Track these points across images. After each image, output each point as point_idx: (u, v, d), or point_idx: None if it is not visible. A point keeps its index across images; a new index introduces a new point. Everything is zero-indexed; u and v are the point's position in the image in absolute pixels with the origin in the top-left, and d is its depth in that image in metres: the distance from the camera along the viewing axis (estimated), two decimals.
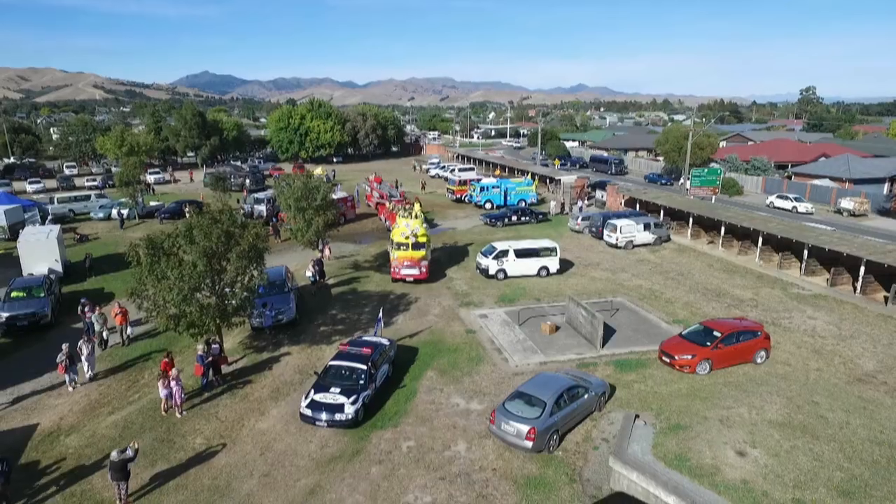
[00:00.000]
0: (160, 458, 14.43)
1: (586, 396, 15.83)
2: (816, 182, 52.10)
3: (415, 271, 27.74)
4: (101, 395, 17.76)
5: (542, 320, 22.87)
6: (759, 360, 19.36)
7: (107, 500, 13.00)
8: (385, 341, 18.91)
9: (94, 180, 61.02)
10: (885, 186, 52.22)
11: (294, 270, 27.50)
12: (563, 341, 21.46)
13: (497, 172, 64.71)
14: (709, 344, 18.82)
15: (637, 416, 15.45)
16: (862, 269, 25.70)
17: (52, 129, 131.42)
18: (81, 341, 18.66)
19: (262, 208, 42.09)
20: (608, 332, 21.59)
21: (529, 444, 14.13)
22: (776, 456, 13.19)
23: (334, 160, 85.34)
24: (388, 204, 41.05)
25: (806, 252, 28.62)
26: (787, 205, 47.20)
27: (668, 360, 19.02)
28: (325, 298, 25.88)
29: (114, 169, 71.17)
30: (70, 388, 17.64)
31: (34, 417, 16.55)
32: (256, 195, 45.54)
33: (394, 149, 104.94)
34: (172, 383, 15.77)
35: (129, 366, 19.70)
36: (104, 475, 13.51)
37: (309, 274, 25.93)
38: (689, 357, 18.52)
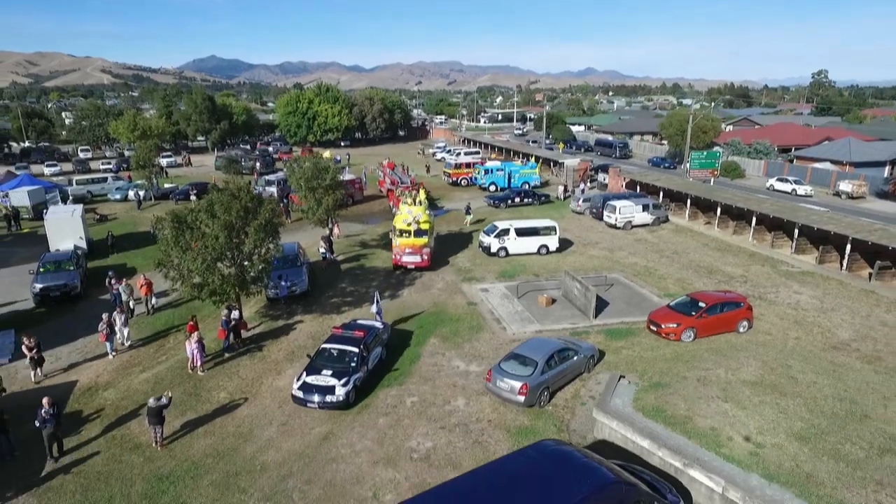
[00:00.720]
0: (189, 409, 16.06)
1: (575, 358, 17.24)
2: (817, 165, 52.77)
3: (416, 259, 27.36)
4: (131, 357, 19.39)
5: (540, 294, 24.25)
6: (741, 330, 20.67)
7: (144, 443, 14.63)
8: (379, 325, 18.92)
9: (109, 163, 62.66)
10: (886, 169, 52.76)
11: (306, 247, 28.97)
12: (559, 313, 22.84)
13: (493, 156, 65.12)
14: (694, 314, 20.14)
15: (622, 377, 16.84)
16: (848, 246, 26.80)
17: (63, 114, 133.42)
18: (115, 312, 20.19)
19: (273, 190, 43.49)
20: (601, 305, 22.95)
21: (522, 398, 15.59)
22: (744, 409, 14.55)
23: (342, 144, 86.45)
24: (395, 190, 42.15)
25: (796, 231, 29.70)
26: (787, 187, 48.06)
27: (655, 329, 20.37)
28: (334, 273, 27.40)
29: (126, 153, 72.99)
30: (111, 356, 19.16)
31: (73, 376, 18.21)
32: (267, 177, 46.96)
33: (400, 133, 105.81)
34: (194, 344, 17.33)
35: (155, 333, 21.33)
36: (140, 422, 15.16)
37: (322, 250, 27.40)
38: (675, 325, 19.86)
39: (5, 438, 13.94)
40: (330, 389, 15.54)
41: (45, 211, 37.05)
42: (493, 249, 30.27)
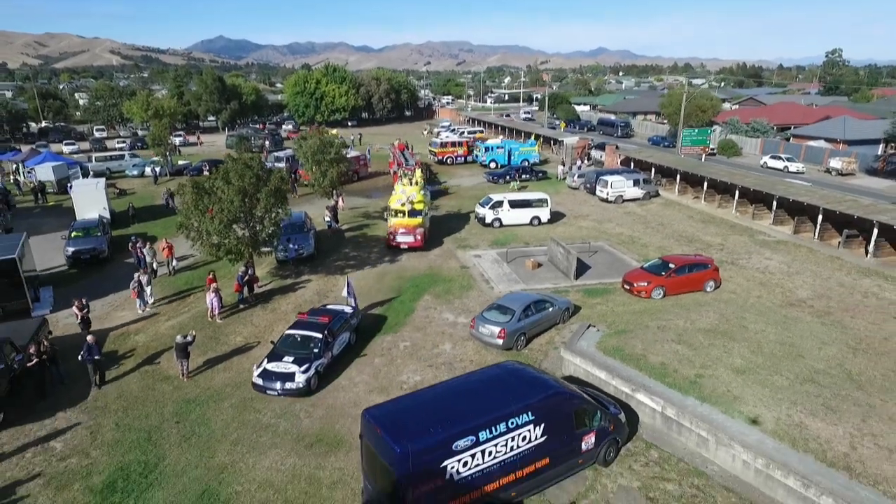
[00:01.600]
0: (209, 349, 18.40)
1: (551, 310, 19.32)
2: (812, 143, 53.85)
3: (410, 239, 27.39)
4: (157, 309, 21.75)
5: (527, 258, 26.29)
6: (708, 289, 22.58)
7: (172, 375, 16.99)
8: (348, 310, 18.81)
9: (124, 142, 65.02)
10: (880, 147, 53.74)
11: (312, 217, 31.10)
12: (544, 275, 24.88)
13: (479, 136, 65.34)
14: (663, 274, 22.10)
15: (591, 325, 18.91)
16: (819, 216, 28.49)
17: (75, 95, 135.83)
18: (139, 273, 22.45)
19: (282, 166, 45.54)
20: (583, 268, 24.95)
21: (500, 341, 17.73)
22: (694, 349, 16.59)
23: (349, 124, 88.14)
24: (398, 171, 43.78)
25: (774, 203, 31.37)
26: (780, 165, 49.27)
27: (628, 288, 22.37)
28: (339, 240, 29.59)
29: (140, 132, 75.28)
30: (140, 311, 21.45)
31: (106, 324, 20.59)
32: (276, 154, 49.04)
33: (407, 113, 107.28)
34: (212, 294, 19.62)
35: (176, 292, 23.65)
36: (168, 359, 17.53)
37: (327, 219, 29.54)
38: (646, 284, 21.84)
39: (56, 369, 16.34)
40: (290, 376, 15.33)
41: (68, 185, 39.57)
42: (488, 220, 32.24)
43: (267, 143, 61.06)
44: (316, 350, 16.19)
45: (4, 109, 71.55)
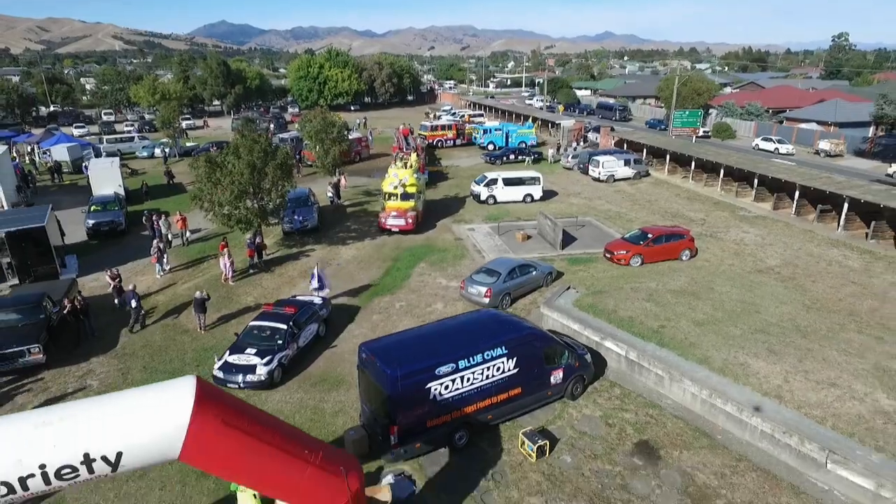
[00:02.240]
0: (223, 307, 20.28)
1: (534, 273, 21.07)
2: (803, 126, 55.04)
3: (401, 222, 27.62)
4: (174, 275, 23.62)
5: (518, 231, 27.99)
6: (684, 258, 24.24)
7: (191, 329, 18.88)
8: (318, 300, 18.63)
9: (132, 125, 66.68)
10: (871, 129, 54.84)
11: (316, 194, 32.84)
12: (532, 245, 26.58)
13: (466, 119, 66.28)
14: (642, 243, 23.79)
15: (570, 287, 20.66)
16: (797, 192, 30.01)
17: (81, 80, 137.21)
18: (155, 241, 24.26)
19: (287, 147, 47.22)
20: (569, 240, 26.64)
21: (486, 300, 19.50)
22: (661, 306, 18.34)
23: (352, 108, 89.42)
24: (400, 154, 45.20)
25: (756, 181, 32.88)
26: (770, 147, 50.52)
27: (609, 256, 24.06)
28: (340, 214, 31.36)
29: (146, 116, 76.89)
30: (158, 276, 23.31)
31: (128, 286, 22.45)
32: (280, 136, 50.62)
33: (409, 97, 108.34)
34: (226, 258, 21.48)
35: (190, 260, 25.49)
36: (187, 315, 19.41)
37: (330, 194, 31.28)
38: (625, 252, 23.54)
39: (88, 322, 18.25)
40: (251, 369, 15.01)
41: (83, 165, 41.39)
42: (483, 197, 33.88)
43: (271, 125, 62.58)
44: (280, 342, 15.77)
45: (15, 93, 73.08)
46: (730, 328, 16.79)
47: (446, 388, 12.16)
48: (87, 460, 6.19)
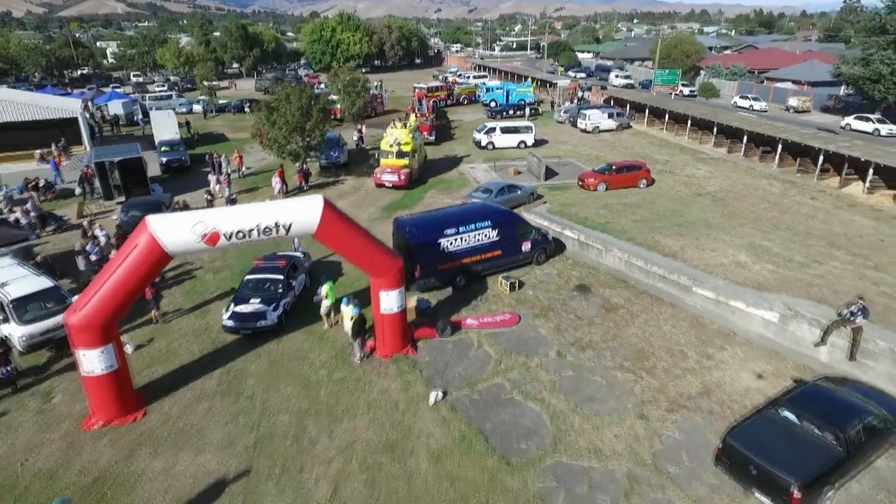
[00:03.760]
0: None
1: (519, 192, 27.38)
2: (779, 85, 60.09)
3: (394, 178, 29.70)
4: (238, 196, 30.17)
5: (510, 167, 34.22)
6: (641, 186, 30.41)
7: None
8: (300, 255, 20.20)
9: (163, 86, 72.53)
10: (842, 88, 59.79)
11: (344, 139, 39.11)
12: (521, 179, 32.77)
13: (453, 80, 69.86)
14: (607, 172, 30.00)
15: (546, 202, 27.04)
16: (745, 137, 35.91)
17: (97, 44, 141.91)
18: (213, 175, 30.62)
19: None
20: (551, 173, 32.82)
21: None
22: (612, 213, 24.70)
23: (362, 71, 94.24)
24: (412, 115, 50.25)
25: (715, 129, 38.73)
26: (746, 104, 55.84)
27: (581, 184, 30.30)
28: (364, 155, 37.70)
29: (171, 78, 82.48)
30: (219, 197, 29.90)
31: (195, 205, 29.05)
32: None
33: (417, 60, 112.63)
34: (278, 178, 27.99)
35: (246, 188, 31.96)
36: None
37: (355, 139, 37.52)
38: (593, 180, 29.77)
39: None
40: (262, 315, 16.11)
41: (136, 118, 47.63)
42: (483, 143, 39.96)
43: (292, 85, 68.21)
44: (280, 290, 16.98)
45: (54, 57, 78.71)
46: (656, 224, 23.23)
47: (451, 244, 18.70)
48: (279, 225, 12.76)
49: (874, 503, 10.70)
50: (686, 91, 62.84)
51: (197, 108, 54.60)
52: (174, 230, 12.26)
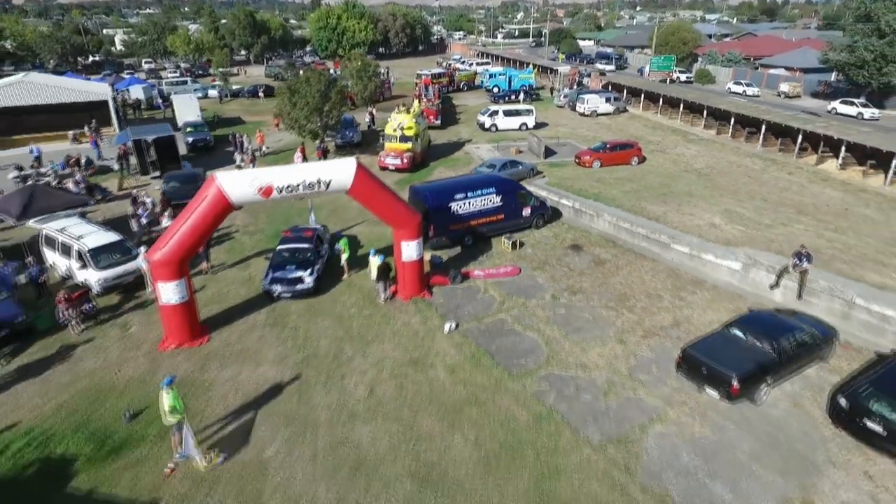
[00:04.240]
0: None
1: (520, 167, 29.95)
2: (772, 71, 62.23)
3: (397, 161, 30.71)
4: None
5: (511, 146, 36.75)
6: (633, 163, 32.95)
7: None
8: (320, 227, 21.86)
9: (175, 71, 74.79)
10: (833, 74, 61.90)
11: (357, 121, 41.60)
12: (522, 157, 35.33)
13: (454, 67, 71.80)
14: (601, 151, 32.54)
15: (544, 176, 29.62)
16: (732, 119, 38.34)
17: (102, 31, 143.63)
18: (237, 153, 33.19)
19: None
20: (550, 152, 35.36)
21: None
22: (605, 185, 27.29)
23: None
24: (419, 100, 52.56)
25: (705, 112, 41.14)
26: (740, 89, 58.06)
27: (577, 161, 32.85)
28: (375, 135, 40.16)
29: (182, 64, 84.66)
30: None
31: None
32: None
33: (420, 47, 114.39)
34: (299, 154, 30.56)
35: (268, 164, 34.58)
36: None
37: (367, 120, 40.04)
38: (588, 157, 32.32)
39: None
40: (299, 280, 17.85)
41: (154, 101, 50.09)
42: (486, 125, 42.42)
43: (300, 72, 70.50)
44: (311, 258, 18.69)
45: (69, 43, 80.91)
46: (643, 194, 25.85)
47: (460, 207, 21.32)
48: (321, 181, 15.42)
49: (801, 398, 13.43)
50: (683, 77, 64.99)
51: (213, 93, 57.00)
52: (237, 184, 14.93)
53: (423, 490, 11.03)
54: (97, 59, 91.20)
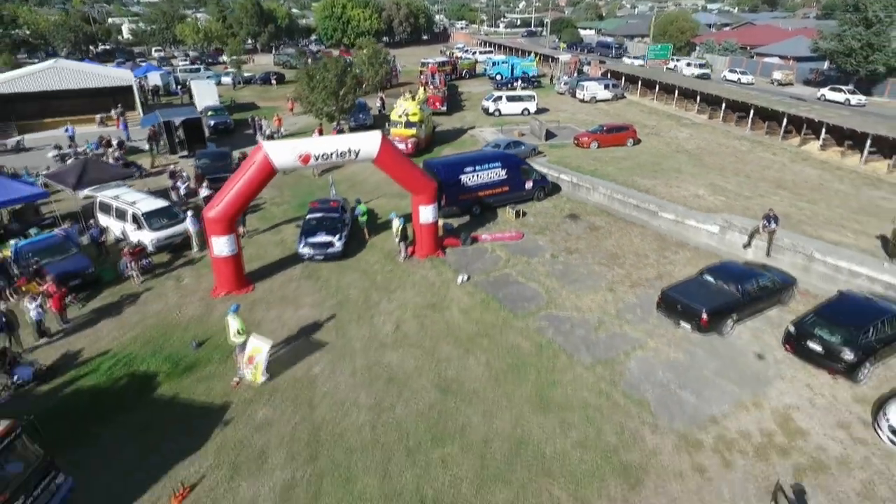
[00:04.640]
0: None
1: (523, 147, 32.25)
2: (767, 59, 64.22)
3: (402, 146, 31.25)
4: None
5: (514, 129, 39.02)
6: (629, 144, 35.24)
7: (307, 174, 30.45)
8: (341, 199, 23.60)
9: (185, 59, 76.76)
10: (825, 63, 63.89)
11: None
12: (524, 139, 37.63)
13: (457, 55, 73.70)
14: (598, 133, 34.82)
15: (544, 155, 31.93)
16: (723, 105, 40.55)
17: (109, 20, 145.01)
18: (258, 136, 35.48)
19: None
20: (551, 135, 37.63)
21: None
22: (600, 162, 29.60)
23: None
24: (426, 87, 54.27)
25: (698, 97, 43.33)
26: (735, 77, 60.10)
27: (576, 143, 35.14)
28: (385, 119, 42.42)
29: (190, 53, 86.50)
30: None
31: None
32: None
33: (424, 37, 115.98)
34: (317, 134, 32.85)
35: None
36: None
37: (378, 104, 42.28)
38: (586, 139, 34.61)
39: None
40: (329, 244, 20.03)
41: (172, 87, 52.26)
42: (490, 111, 44.64)
43: (309, 60, 72.48)
44: (338, 225, 20.77)
45: (81, 32, 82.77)
46: (636, 170, 28.20)
47: (469, 179, 23.67)
48: (351, 151, 17.78)
49: (762, 332, 15.88)
50: (698, 72, 63.43)
51: (226, 79, 59.12)
52: (280, 152, 17.30)
53: (446, 396, 13.51)
54: (107, 47, 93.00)
